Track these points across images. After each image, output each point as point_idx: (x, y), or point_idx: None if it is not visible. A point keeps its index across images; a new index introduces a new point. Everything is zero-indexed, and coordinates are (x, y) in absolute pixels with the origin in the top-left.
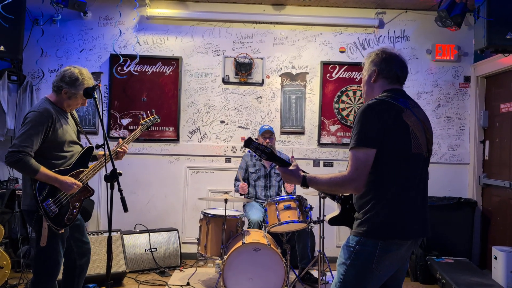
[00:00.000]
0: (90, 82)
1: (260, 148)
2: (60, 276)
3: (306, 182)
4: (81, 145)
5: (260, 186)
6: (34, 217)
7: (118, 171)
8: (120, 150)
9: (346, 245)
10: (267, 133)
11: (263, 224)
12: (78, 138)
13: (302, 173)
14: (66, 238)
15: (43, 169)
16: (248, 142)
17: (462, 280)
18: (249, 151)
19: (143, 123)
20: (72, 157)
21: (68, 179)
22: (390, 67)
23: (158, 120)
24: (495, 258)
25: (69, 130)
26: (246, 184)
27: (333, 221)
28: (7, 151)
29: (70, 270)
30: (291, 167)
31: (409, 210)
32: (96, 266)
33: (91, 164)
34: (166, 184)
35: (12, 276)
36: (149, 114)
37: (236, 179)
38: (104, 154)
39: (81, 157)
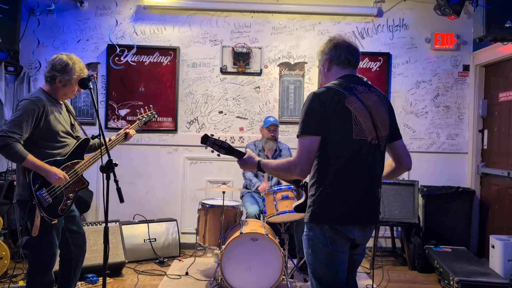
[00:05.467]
0: (80, 65)
1: (217, 143)
2: (56, 267)
3: (260, 167)
4: (74, 137)
5: (261, 175)
6: (28, 206)
7: (114, 162)
8: (127, 131)
9: (304, 234)
10: (273, 126)
11: (261, 215)
12: (73, 130)
13: (257, 159)
14: (61, 229)
15: (30, 157)
16: (205, 139)
17: (459, 268)
18: (252, 142)
19: (140, 118)
20: (65, 148)
21: (55, 169)
22: (340, 53)
23: (156, 116)
24: (493, 247)
25: (62, 120)
26: (267, 184)
27: (298, 208)
28: None
29: (66, 262)
30: (244, 157)
31: (350, 195)
32: (95, 256)
33: (88, 156)
34: (164, 175)
35: (11, 267)
36: (147, 110)
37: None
38: (100, 146)
39: (77, 148)
